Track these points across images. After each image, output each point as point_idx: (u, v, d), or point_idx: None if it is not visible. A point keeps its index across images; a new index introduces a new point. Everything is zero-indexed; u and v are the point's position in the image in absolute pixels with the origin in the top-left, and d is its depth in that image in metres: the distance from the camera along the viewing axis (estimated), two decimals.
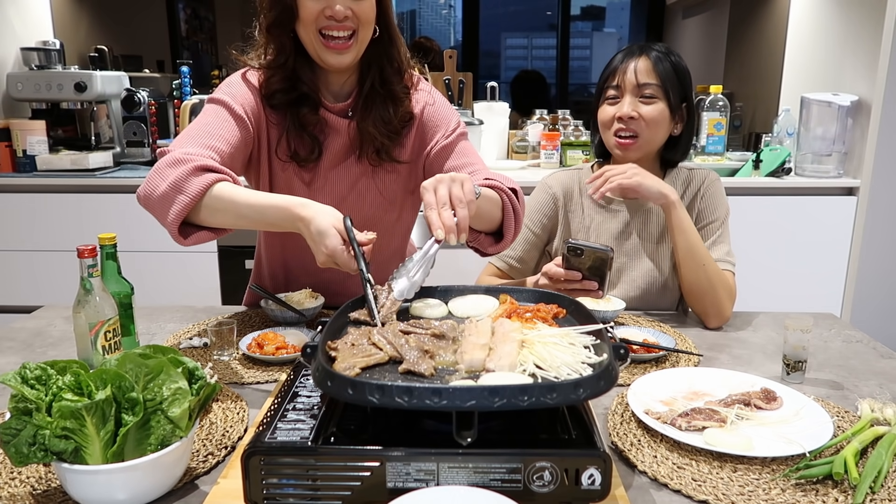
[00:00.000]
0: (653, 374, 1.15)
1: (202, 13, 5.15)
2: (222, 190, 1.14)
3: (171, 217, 1.12)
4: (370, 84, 1.34)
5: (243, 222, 1.15)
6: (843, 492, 0.84)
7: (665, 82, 1.48)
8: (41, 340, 1.37)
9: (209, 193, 1.13)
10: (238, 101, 1.29)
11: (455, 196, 1.03)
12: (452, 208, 1.02)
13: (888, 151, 2.74)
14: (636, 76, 1.48)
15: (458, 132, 1.39)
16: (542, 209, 1.61)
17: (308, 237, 1.09)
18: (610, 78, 1.52)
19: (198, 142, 1.21)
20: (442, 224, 1.00)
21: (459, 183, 1.05)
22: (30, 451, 0.77)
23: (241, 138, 1.28)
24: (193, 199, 1.12)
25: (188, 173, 1.13)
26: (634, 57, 1.50)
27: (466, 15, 5.68)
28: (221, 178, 1.15)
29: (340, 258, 1.05)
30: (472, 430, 0.75)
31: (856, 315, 2.82)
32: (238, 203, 1.13)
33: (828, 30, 2.87)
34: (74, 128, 3.17)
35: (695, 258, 1.45)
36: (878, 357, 1.32)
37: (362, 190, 1.41)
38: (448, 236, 1.00)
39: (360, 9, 1.24)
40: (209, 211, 1.14)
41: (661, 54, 1.50)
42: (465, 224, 1.03)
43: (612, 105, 1.52)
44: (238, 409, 1.05)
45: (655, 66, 1.48)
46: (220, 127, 1.26)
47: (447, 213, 1.02)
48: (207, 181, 1.13)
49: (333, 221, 1.07)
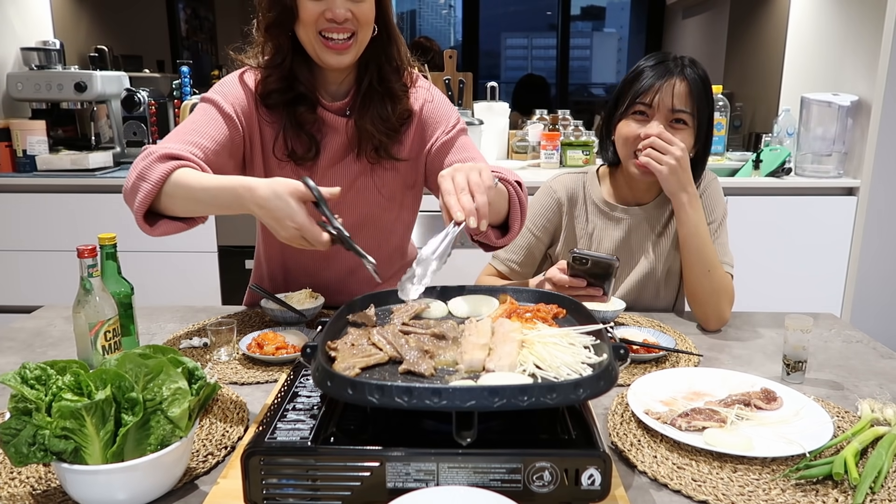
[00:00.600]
0: (653, 374, 1.15)
1: (202, 13, 5.15)
2: (182, 175, 1.13)
3: (136, 205, 1.13)
4: (368, 82, 1.34)
5: (202, 207, 1.14)
6: (843, 492, 0.84)
7: (699, 111, 1.43)
8: (41, 340, 1.37)
9: (170, 180, 1.13)
10: (228, 101, 1.31)
11: (473, 182, 1.01)
12: (471, 194, 1.00)
13: (888, 151, 2.74)
14: (673, 100, 1.41)
15: (458, 128, 1.39)
16: (545, 213, 1.60)
17: (267, 217, 1.03)
18: (643, 95, 1.42)
19: (182, 138, 1.23)
20: (462, 207, 0.98)
21: (477, 171, 1.03)
22: (29, 451, 0.77)
23: (229, 137, 1.29)
24: (155, 185, 1.12)
25: (152, 161, 1.14)
26: (672, 77, 1.41)
27: (466, 15, 5.68)
28: (184, 164, 1.15)
29: (309, 231, 1.01)
30: (472, 431, 0.75)
31: (856, 315, 2.82)
32: (194, 188, 1.12)
33: (828, 30, 2.87)
34: (74, 128, 3.17)
35: (701, 263, 1.44)
36: (878, 357, 1.32)
37: (361, 188, 1.41)
38: (468, 218, 0.98)
39: (360, 10, 1.24)
40: (170, 198, 1.14)
41: (698, 78, 1.43)
42: (485, 210, 1.00)
43: (639, 123, 1.44)
44: (238, 409, 1.05)
45: (692, 92, 1.42)
46: (206, 125, 1.27)
47: (466, 197, 0.99)
48: (169, 168, 1.13)
49: (292, 191, 1.01)
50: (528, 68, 6.74)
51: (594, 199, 1.58)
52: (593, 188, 1.59)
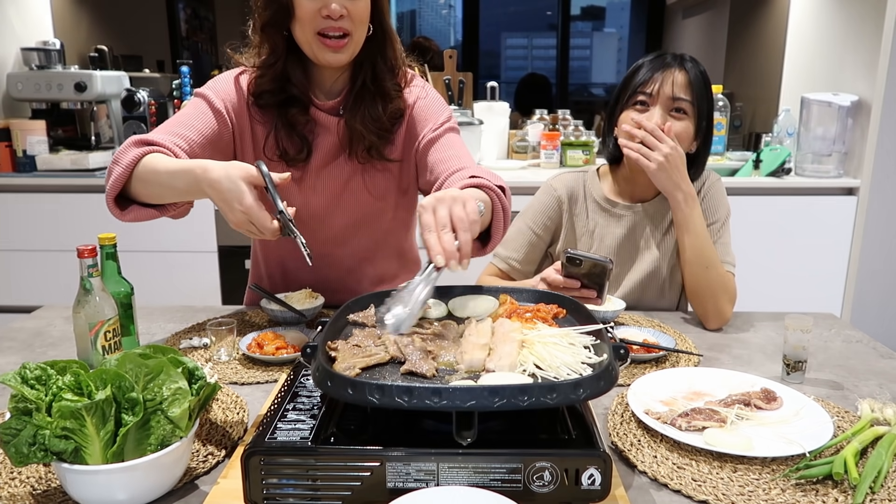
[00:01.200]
0: (653, 374, 1.15)
1: (202, 13, 5.15)
2: (151, 160, 1.14)
3: (108, 188, 1.15)
4: (362, 81, 1.34)
5: (166, 192, 1.14)
6: (843, 492, 0.84)
7: (698, 100, 1.45)
8: (41, 340, 1.37)
9: (140, 164, 1.14)
10: (219, 97, 1.32)
11: (456, 217, 0.93)
12: (453, 230, 0.93)
13: (888, 151, 2.74)
14: (672, 89, 1.43)
15: (446, 126, 1.37)
16: (545, 211, 1.60)
17: (218, 199, 1.05)
18: (643, 85, 1.45)
19: (168, 129, 1.25)
20: (442, 249, 0.91)
21: (461, 202, 0.95)
22: (30, 451, 0.77)
23: (217, 132, 1.31)
24: (126, 168, 1.14)
25: (127, 147, 1.17)
26: (672, 68, 1.44)
27: (466, 15, 5.69)
28: (155, 149, 1.16)
29: (257, 216, 1.02)
30: (472, 431, 0.75)
31: (856, 315, 2.82)
32: (159, 171, 1.12)
33: (828, 30, 2.87)
34: (74, 128, 3.17)
35: (700, 261, 1.44)
36: (878, 357, 1.32)
37: (354, 189, 1.41)
38: (449, 263, 0.90)
39: (356, 8, 1.24)
40: (139, 182, 1.15)
41: (698, 71, 1.46)
42: (467, 248, 0.92)
43: (640, 113, 1.46)
44: (238, 409, 1.05)
45: (691, 83, 1.44)
46: (194, 118, 1.29)
47: (447, 236, 0.92)
48: (140, 152, 1.14)
49: (244, 175, 1.03)
50: (529, 68, 6.74)
51: (595, 196, 1.58)
52: (594, 186, 1.60)
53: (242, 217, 1.04)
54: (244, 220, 1.04)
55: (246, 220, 1.04)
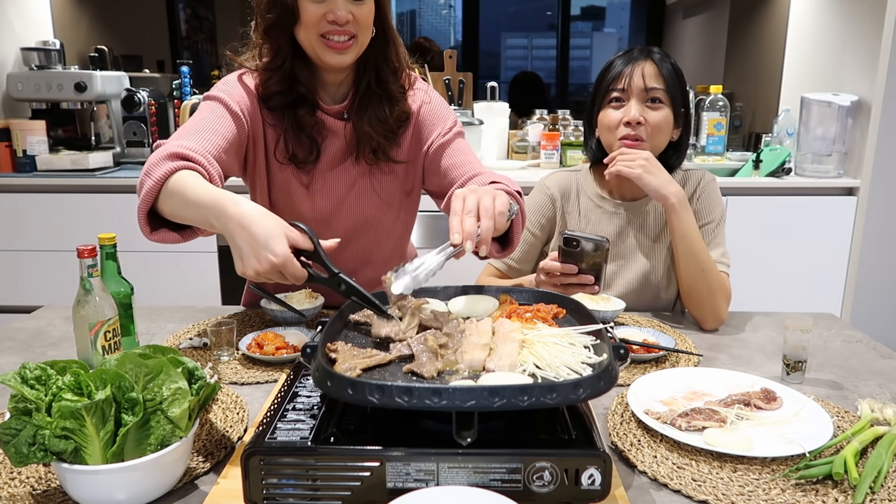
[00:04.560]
0: (653, 374, 1.15)
1: (202, 13, 5.15)
2: (181, 177, 1.06)
3: (139, 202, 1.07)
4: (366, 84, 1.35)
5: (190, 215, 1.04)
6: (843, 492, 0.84)
7: (670, 87, 1.47)
8: (41, 340, 1.37)
9: (171, 180, 1.05)
10: (234, 99, 1.29)
11: (483, 206, 1.00)
12: (478, 218, 0.99)
13: (888, 151, 2.74)
14: (644, 80, 1.46)
15: (455, 130, 1.39)
16: (540, 210, 1.61)
17: (245, 240, 0.94)
18: (615, 81, 1.48)
19: (194, 136, 1.20)
20: (461, 230, 0.97)
21: (492, 196, 1.01)
22: (30, 451, 0.77)
23: (237, 135, 1.28)
24: (157, 182, 1.05)
25: (160, 158, 1.08)
26: (639, 61, 1.47)
27: (466, 15, 5.68)
28: (189, 165, 1.09)
29: (290, 267, 0.93)
30: (471, 431, 0.75)
31: (856, 315, 2.82)
32: (186, 193, 1.03)
33: (828, 30, 2.87)
34: (74, 128, 3.17)
35: (695, 263, 1.44)
36: (878, 357, 1.32)
37: (360, 191, 1.41)
38: (465, 242, 0.96)
39: (361, 12, 1.24)
40: (167, 198, 1.06)
41: (664, 57, 1.49)
42: (487, 235, 0.98)
43: (617, 109, 1.49)
44: (238, 409, 1.05)
45: (661, 71, 1.47)
46: (216, 122, 1.26)
47: (470, 220, 0.98)
48: (173, 167, 1.06)
49: (283, 227, 0.95)
50: (529, 68, 6.74)
51: (588, 193, 1.60)
52: (587, 183, 1.61)
53: (268, 265, 0.93)
54: (269, 269, 0.93)
55: (272, 269, 0.93)
